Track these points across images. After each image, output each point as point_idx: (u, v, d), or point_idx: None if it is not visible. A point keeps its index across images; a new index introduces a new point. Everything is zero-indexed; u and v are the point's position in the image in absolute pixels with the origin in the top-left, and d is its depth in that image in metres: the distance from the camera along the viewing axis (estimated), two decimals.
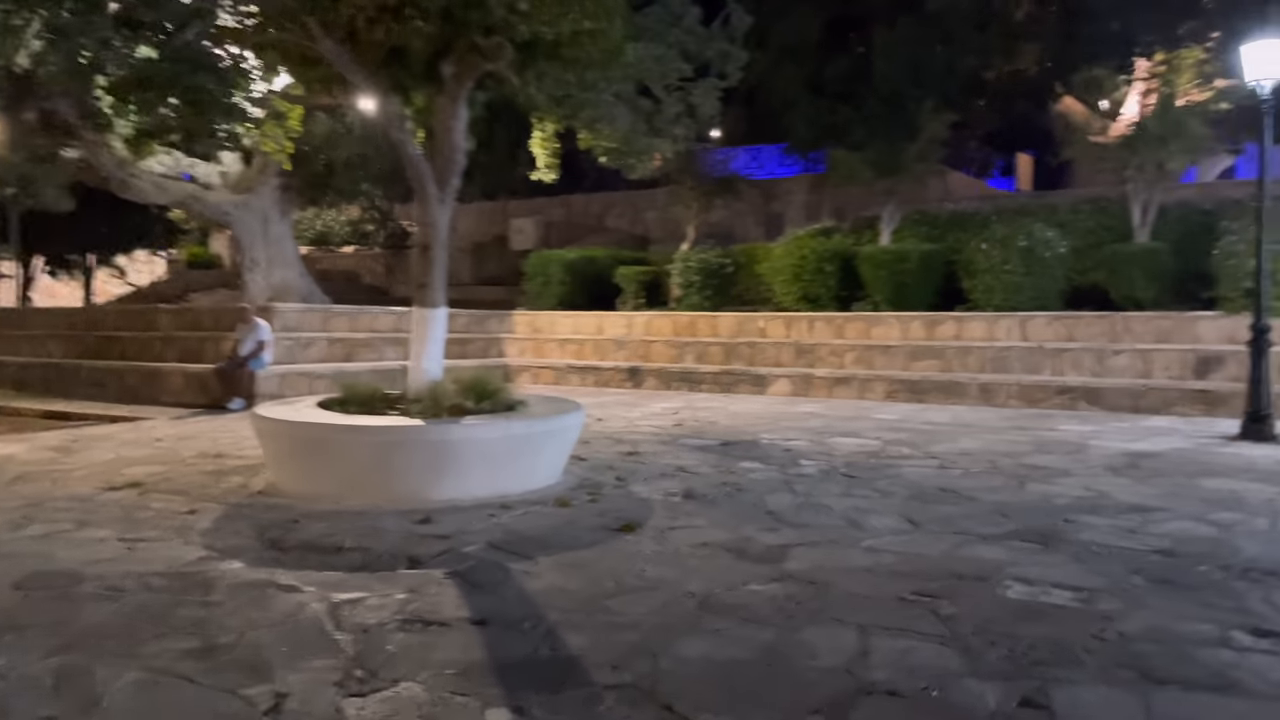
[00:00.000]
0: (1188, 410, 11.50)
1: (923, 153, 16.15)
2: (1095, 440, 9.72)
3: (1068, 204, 15.62)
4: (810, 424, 11.20)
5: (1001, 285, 14.15)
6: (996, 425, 10.94)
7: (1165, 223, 14.47)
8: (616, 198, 25.97)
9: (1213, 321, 12.63)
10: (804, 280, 16.15)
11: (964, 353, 13.65)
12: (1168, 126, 13.40)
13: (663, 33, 15.09)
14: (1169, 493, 7.14)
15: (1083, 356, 12.84)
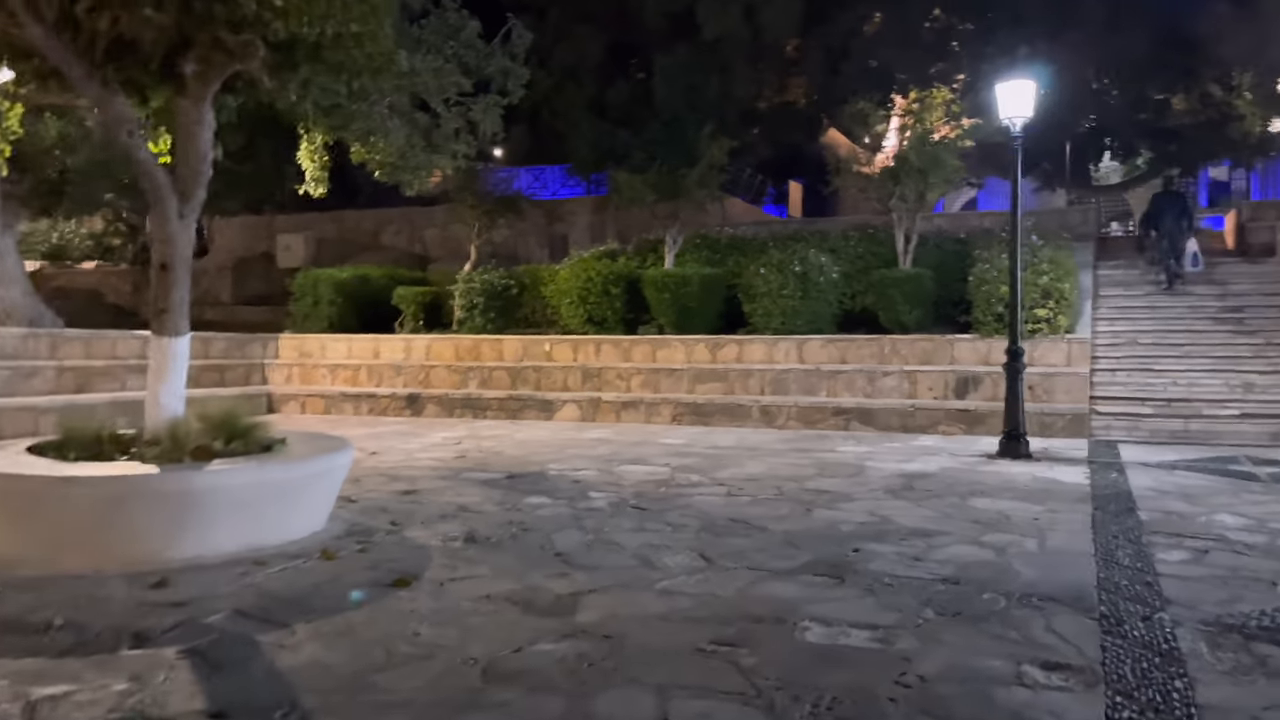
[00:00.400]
0: (951, 429, 12.11)
1: (703, 177, 16.37)
2: (872, 461, 9.98)
3: (838, 231, 16.30)
4: (599, 451, 10.90)
5: (779, 309, 14.49)
6: (779, 448, 11.06)
7: (925, 250, 15.32)
8: (394, 214, 24.90)
9: (969, 344, 13.44)
10: (590, 303, 15.93)
11: (746, 375, 13.84)
12: (926, 159, 14.21)
13: (440, 45, 14.45)
14: (945, 515, 7.31)
15: (856, 378, 13.31)
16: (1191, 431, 11.48)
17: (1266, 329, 13.49)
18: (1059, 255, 13.67)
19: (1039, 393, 12.25)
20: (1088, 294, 14.43)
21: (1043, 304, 12.96)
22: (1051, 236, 14.72)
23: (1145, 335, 13.80)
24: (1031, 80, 10.04)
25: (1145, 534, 6.60)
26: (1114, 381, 12.85)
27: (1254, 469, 9.27)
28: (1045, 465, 9.60)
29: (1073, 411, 11.74)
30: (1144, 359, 13.24)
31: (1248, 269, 15.68)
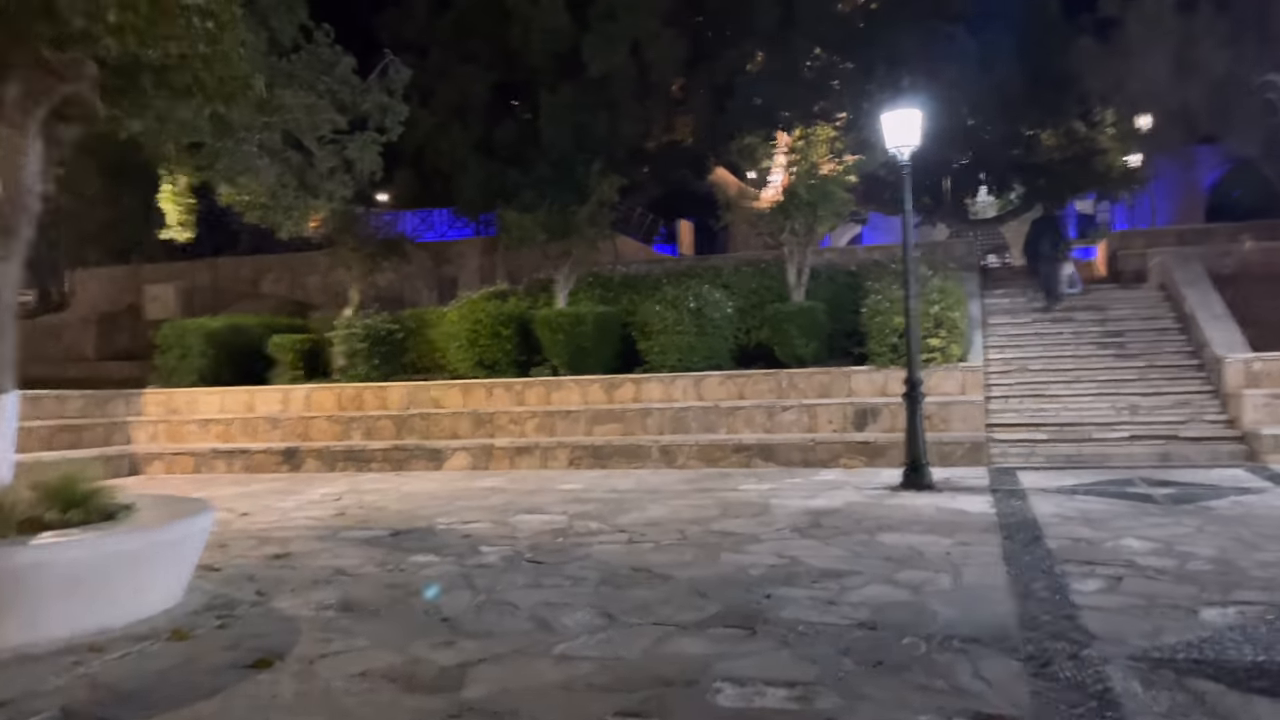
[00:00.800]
0: (852, 462, 11.95)
1: (594, 215, 16.06)
2: (776, 499, 9.67)
3: (731, 266, 16.16)
4: (491, 501, 10.31)
5: (676, 346, 14.20)
6: (681, 489, 10.67)
7: (817, 283, 15.30)
8: (273, 261, 23.84)
9: (866, 375, 13.37)
10: (480, 345, 15.35)
11: (644, 415, 13.46)
12: (816, 192, 14.22)
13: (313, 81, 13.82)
14: (855, 553, 7.01)
15: (755, 414, 13.07)
16: (1085, 455, 11.58)
17: (1147, 353, 13.83)
18: (948, 285, 13.79)
19: (936, 422, 12.21)
20: (977, 323, 14.60)
21: (935, 333, 13.00)
22: (940, 266, 14.89)
23: (1034, 362, 14.00)
24: (917, 109, 10.05)
25: (1057, 563, 6.42)
26: (1008, 408, 12.94)
27: (1150, 490, 9.31)
28: (949, 495, 9.45)
29: (970, 440, 11.73)
30: (1035, 385, 13.40)
31: (1124, 295, 16.17)
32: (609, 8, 21.34)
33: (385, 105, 14.07)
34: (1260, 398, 11.51)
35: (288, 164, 13.63)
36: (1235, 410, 11.81)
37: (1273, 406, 11.46)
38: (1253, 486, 9.25)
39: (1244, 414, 11.52)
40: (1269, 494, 8.81)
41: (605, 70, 22.12)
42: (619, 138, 22.93)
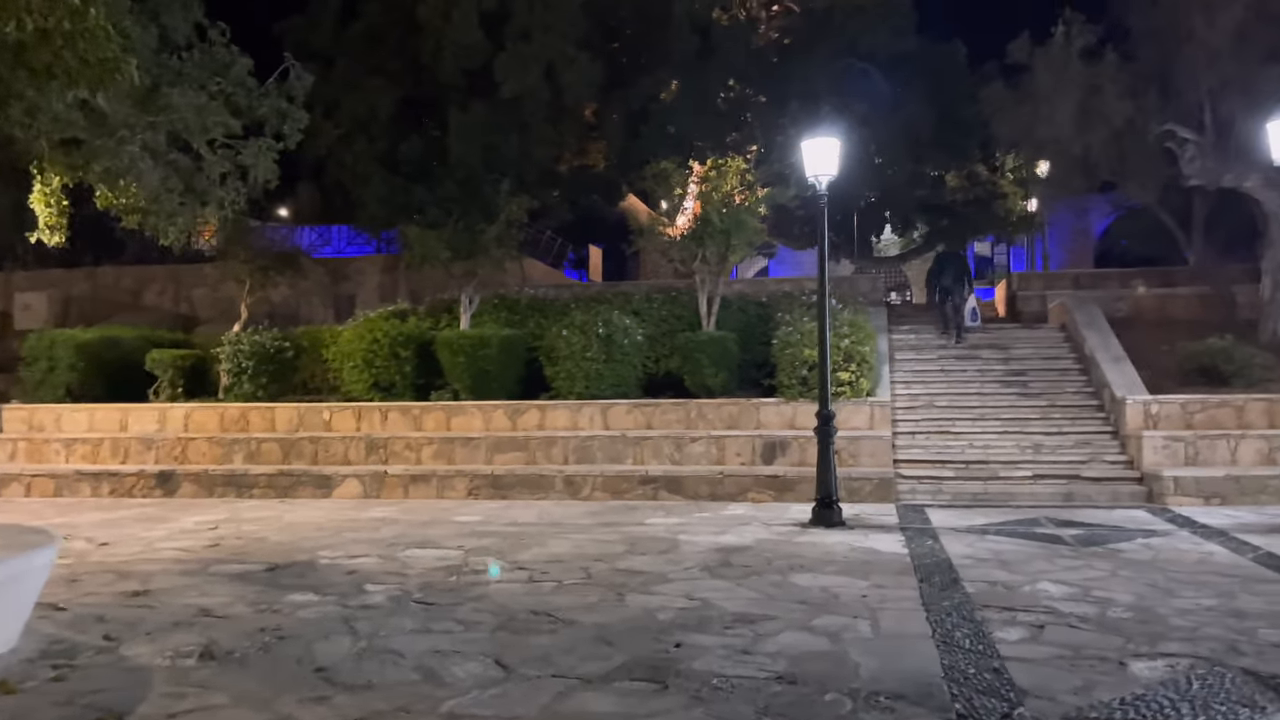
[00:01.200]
0: (761, 496, 11.65)
1: (502, 235, 15.56)
2: (684, 534, 9.27)
3: (642, 293, 15.82)
4: (382, 534, 9.64)
5: (583, 372, 13.75)
6: (585, 522, 10.19)
7: (728, 313, 15.08)
8: (158, 272, 22.57)
9: (775, 408, 13.14)
10: (376, 367, 14.62)
11: (548, 443, 12.94)
12: (730, 221, 14.02)
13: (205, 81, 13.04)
14: (768, 595, 6.65)
15: (663, 444, 12.69)
16: (990, 493, 11.53)
17: (1049, 392, 13.98)
18: (858, 319, 13.72)
19: (845, 457, 12.03)
20: (885, 358, 14.56)
21: (845, 367, 12.87)
22: (849, 300, 14.84)
23: (940, 398, 14.00)
24: (836, 138, 9.91)
25: (977, 609, 6.17)
26: (914, 444, 12.86)
27: (1057, 531, 9.23)
28: (860, 534, 9.20)
29: (879, 476, 11.56)
30: (941, 421, 13.38)
31: (1026, 334, 16.40)
32: (524, 28, 20.97)
33: (284, 111, 13.35)
34: (1159, 440, 11.66)
35: (174, 167, 12.77)
36: (1134, 451, 11.95)
37: (1171, 448, 11.61)
38: (1157, 529, 9.26)
39: (1144, 455, 11.64)
40: (1174, 537, 8.81)
41: (518, 91, 21.71)
42: (530, 159, 22.51)
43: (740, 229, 14.04)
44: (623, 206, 24.20)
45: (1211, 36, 14.32)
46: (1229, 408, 12.27)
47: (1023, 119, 15.76)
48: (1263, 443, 11.59)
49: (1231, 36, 14.26)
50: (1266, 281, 15.32)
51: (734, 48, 21.84)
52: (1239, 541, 8.46)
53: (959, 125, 23.77)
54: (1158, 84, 14.96)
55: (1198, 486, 10.88)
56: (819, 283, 10.10)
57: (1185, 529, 9.25)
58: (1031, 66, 15.52)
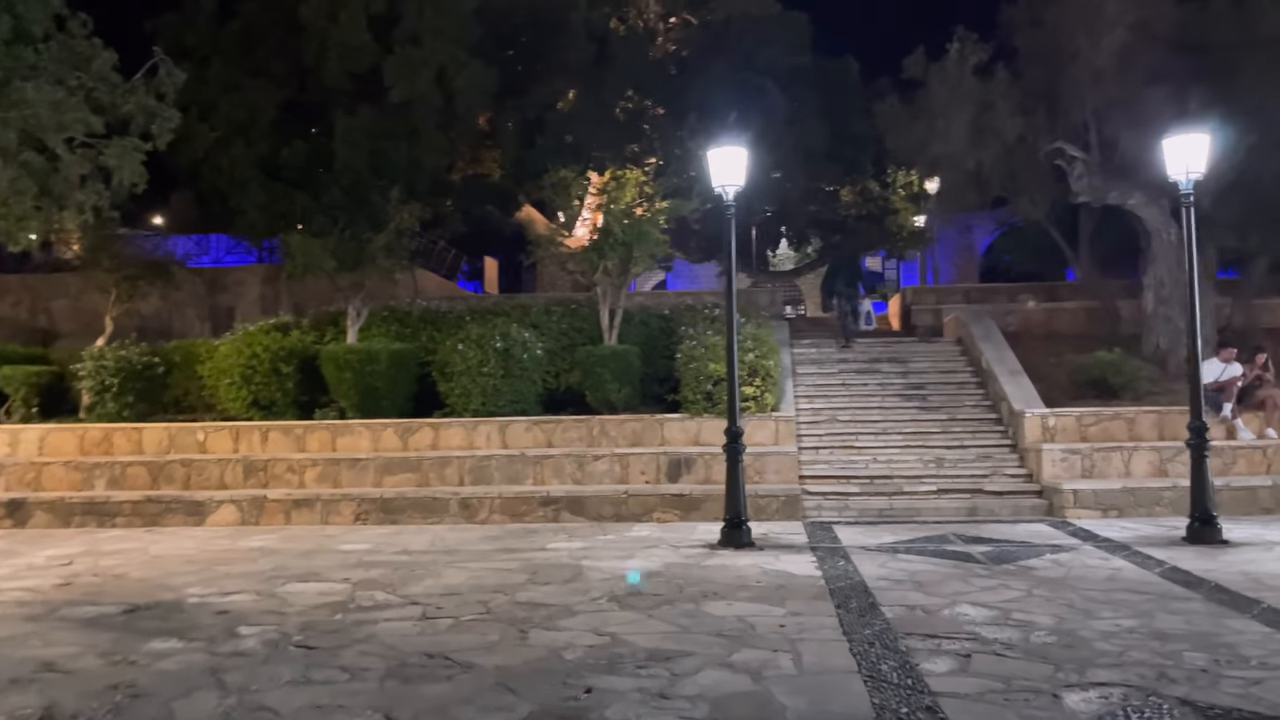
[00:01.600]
0: (666, 515, 11.26)
1: (390, 245, 14.83)
2: (589, 560, 8.79)
3: (540, 306, 15.29)
4: (259, 566, 8.87)
5: (480, 388, 13.15)
6: (483, 548, 9.61)
7: (630, 326, 14.70)
8: (11, 281, 20.90)
9: (679, 424, 12.80)
10: (256, 383, 13.71)
11: (442, 464, 12.28)
12: (631, 232, 13.65)
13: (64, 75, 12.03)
14: (682, 628, 6.23)
15: (564, 463, 12.18)
16: (896, 509, 11.42)
17: (948, 405, 14.03)
18: (761, 332, 13.52)
19: (751, 473, 11.73)
20: (787, 372, 14.41)
21: (750, 382, 12.62)
22: (752, 314, 14.64)
23: (843, 412, 13.90)
24: (743, 148, 9.65)
25: (900, 637, 5.89)
26: (819, 460, 12.70)
27: (967, 548, 9.11)
28: (771, 555, 8.89)
29: (785, 493, 11.32)
30: (845, 436, 13.26)
31: (924, 348, 16.51)
32: (413, 32, 20.25)
33: (152, 110, 12.42)
34: (1058, 453, 11.76)
35: (26, 168, 11.71)
36: (1034, 464, 12.03)
37: (1069, 461, 11.72)
38: (1063, 544, 9.23)
39: (1043, 469, 11.72)
40: (1081, 552, 8.77)
41: (408, 96, 20.95)
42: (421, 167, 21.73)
43: (642, 240, 13.69)
44: (519, 217, 23.61)
45: (1096, 57, 14.68)
46: (1121, 420, 12.49)
47: (917, 134, 15.89)
48: (1154, 454, 11.80)
49: (1115, 57, 14.64)
50: (1148, 296, 15.76)
51: (632, 57, 21.58)
52: (1143, 556, 8.47)
53: (853, 140, 24.06)
54: (1046, 103, 15.28)
55: (1096, 499, 10.98)
56: (725, 295, 9.80)
57: (1089, 543, 9.25)
58: (926, 82, 15.66)
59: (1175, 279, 15.56)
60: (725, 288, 9.71)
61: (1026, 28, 15.81)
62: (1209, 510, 9.10)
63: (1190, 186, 9.47)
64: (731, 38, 22.44)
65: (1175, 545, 9.01)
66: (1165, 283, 15.60)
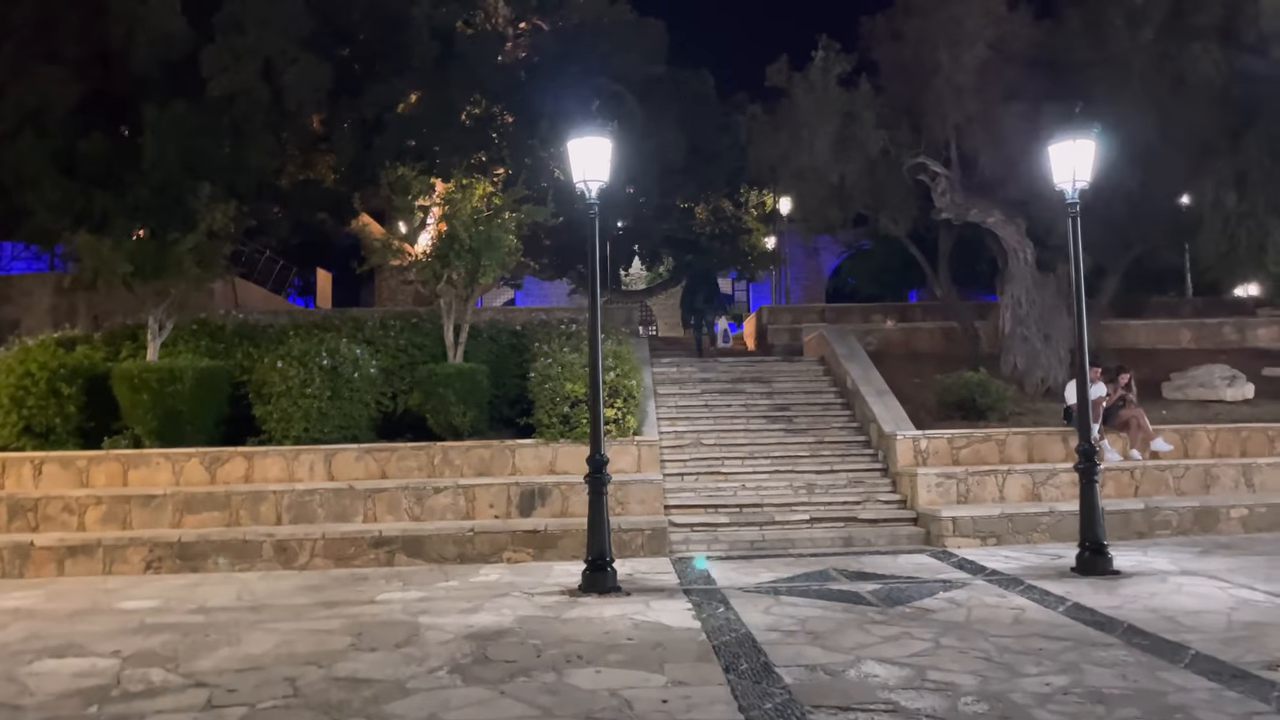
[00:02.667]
0: (518, 555, 9.98)
1: (201, 250, 12.98)
2: (427, 615, 7.43)
3: (376, 320, 13.71)
4: (8, 634, 7.09)
5: (302, 412, 11.52)
6: (299, 602, 8.08)
7: (478, 343, 13.39)
8: None
9: (533, 450, 11.57)
10: (30, 407, 11.62)
11: (256, 500, 10.59)
12: (480, 238, 12.35)
13: None
14: (543, 710, 5.02)
15: (401, 497, 10.72)
16: (769, 540, 10.54)
17: (815, 427, 13.34)
18: (622, 350, 12.46)
19: (613, 504, 10.57)
20: (649, 392, 13.42)
21: (610, 403, 11.53)
22: (611, 330, 13.58)
23: (708, 435, 13.00)
24: (608, 139, 8.58)
25: (806, 711, 4.86)
26: (685, 488, 11.72)
27: (854, 586, 8.25)
28: (640, 602, 7.77)
29: (651, 525, 10.24)
30: (710, 461, 12.34)
31: (787, 367, 15.87)
32: (235, 19, 18.35)
33: None
34: (933, 477, 11.17)
35: None
36: (907, 490, 11.42)
37: (944, 486, 11.16)
38: (953, 579, 8.51)
39: (918, 494, 11.11)
40: (974, 589, 8.05)
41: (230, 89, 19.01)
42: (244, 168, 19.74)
43: (492, 248, 12.41)
44: (355, 226, 21.82)
45: (957, 72, 14.44)
46: (993, 442, 12.06)
47: (781, 145, 15.29)
48: (1027, 478, 11.38)
49: (975, 74, 14.45)
50: (1006, 316, 15.63)
51: (480, 58, 20.30)
52: (1041, 592, 7.81)
53: (709, 157, 23.49)
54: (910, 117, 14.97)
55: (975, 527, 10.40)
56: (590, 305, 8.67)
57: (979, 577, 8.57)
58: (790, 92, 15.09)
59: (1032, 299, 15.52)
60: (590, 297, 8.59)
61: (888, 41, 15.51)
62: (1099, 538, 8.58)
63: (1076, 196, 9.02)
64: (584, 44, 21.50)
65: (1067, 577, 8.43)
66: (1022, 302, 15.50)
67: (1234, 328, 18.15)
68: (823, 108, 14.61)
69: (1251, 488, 11.72)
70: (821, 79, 14.64)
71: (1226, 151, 13.94)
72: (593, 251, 8.51)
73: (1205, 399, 14.40)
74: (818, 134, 14.60)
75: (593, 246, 8.51)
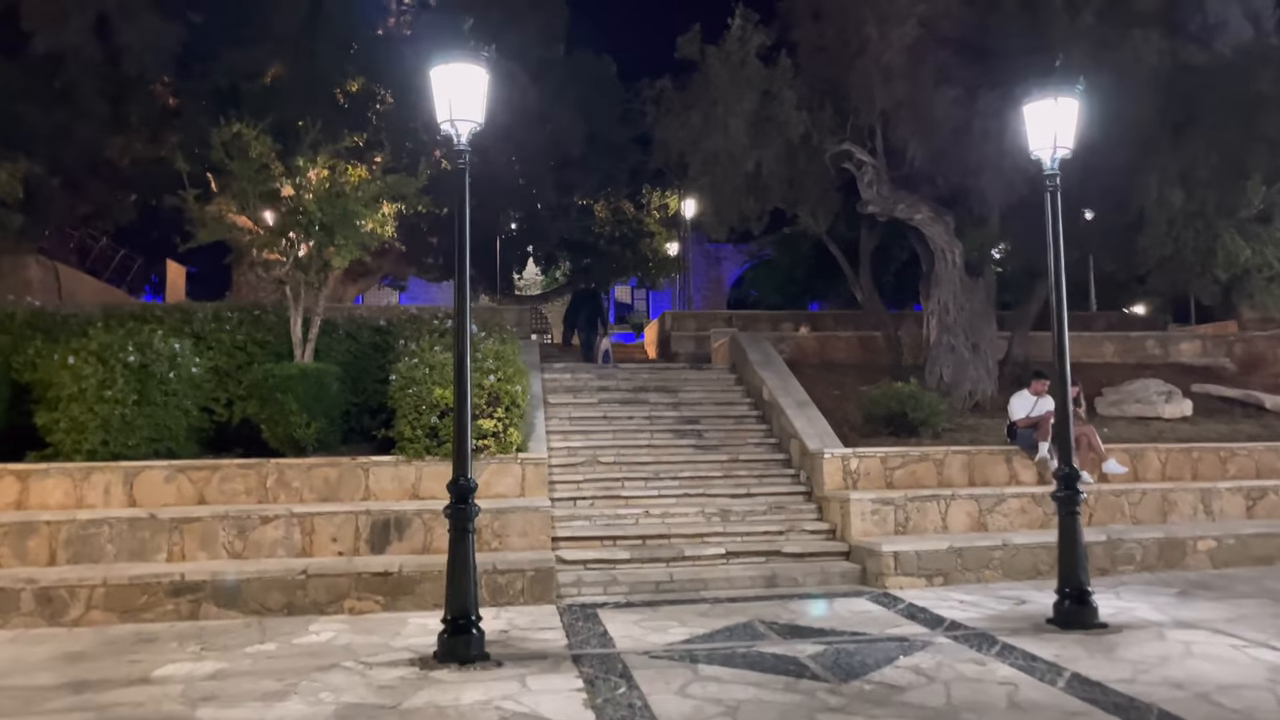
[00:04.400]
0: (363, 603, 7.90)
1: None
2: (211, 707, 5.33)
3: (209, 312, 11.38)
4: None
5: (100, 420, 9.19)
6: (39, 683, 5.86)
7: (334, 340, 11.25)
8: None
9: (392, 469, 9.50)
10: None
11: (23, 533, 8.22)
12: (335, 212, 10.23)
13: None
14: None
15: (218, 528, 8.50)
16: (678, 581, 8.73)
17: (728, 444, 11.64)
18: (507, 349, 10.50)
19: (487, 536, 8.69)
20: (538, 401, 11.49)
21: (489, 412, 9.56)
22: (494, 328, 11.58)
23: (606, 451, 11.14)
24: (481, 67, 6.66)
25: None
26: (578, 514, 9.81)
27: (791, 649, 6.48)
28: (514, 678, 5.82)
29: (535, 564, 8.28)
30: (609, 483, 10.48)
31: (695, 375, 14.12)
32: None
33: None
34: (867, 504, 9.55)
35: None
36: (837, 517, 9.78)
37: (881, 514, 9.55)
38: (910, 635, 6.83)
39: (850, 523, 9.47)
40: (940, 650, 6.38)
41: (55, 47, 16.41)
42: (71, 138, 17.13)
43: (347, 223, 10.28)
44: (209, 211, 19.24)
45: (885, 51, 12.98)
46: (929, 462, 10.53)
47: (692, 126, 13.60)
48: (972, 504, 9.86)
49: (905, 54, 13.02)
50: (931, 323, 14.26)
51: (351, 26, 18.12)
52: (1025, 656, 6.18)
53: (610, 149, 21.73)
54: (834, 99, 13.46)
55: (919, 563, 8.79)
56: (457, 290, 6.70)
57: (940, 632, 6.92)
58: (703, 66, 13.42)
59: (960, 304, 14.17)
60: (457, 277, 6.62)
61: (809, 19, 14.00)
62: (1082, 584, 7.03)
63: (1056, 165, 7.54)
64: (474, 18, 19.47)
65: (1047, 632, 6.85)
66: (950, 309, 14.14)
67: (1157, 342, 17.28)
68: (739, 84, 12.97)
69: (1211, 515, 10.49)
70: (739, 51, 13.01)
71: (1170, 148, 12.86)
72: (461, 216, 6.55)
73: (1143, 415, 13.26)
74: (733, 113, 12.95)
75: (461, 208, 6.55)
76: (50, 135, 16.78)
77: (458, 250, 6.56)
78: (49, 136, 16.76)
